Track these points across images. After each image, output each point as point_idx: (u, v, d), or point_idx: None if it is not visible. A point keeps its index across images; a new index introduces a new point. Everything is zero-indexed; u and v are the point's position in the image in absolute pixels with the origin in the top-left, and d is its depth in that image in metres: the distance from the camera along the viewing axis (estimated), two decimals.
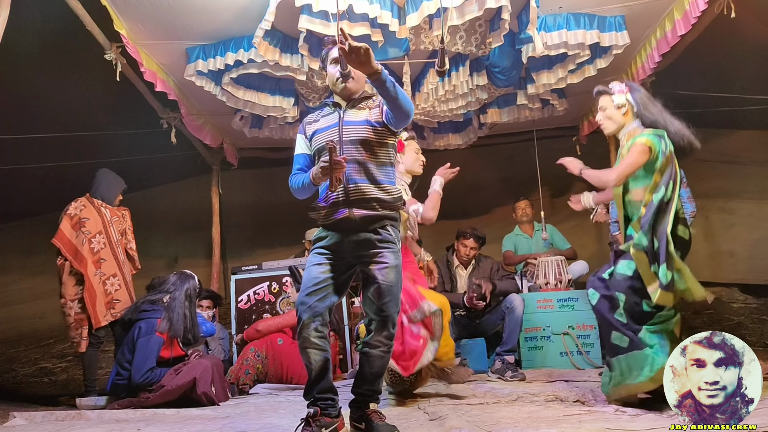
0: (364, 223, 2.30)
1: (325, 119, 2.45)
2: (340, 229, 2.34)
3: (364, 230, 2.31)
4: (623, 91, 2.78)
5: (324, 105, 2.54)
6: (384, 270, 2.29)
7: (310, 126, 2.48)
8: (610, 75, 4.71)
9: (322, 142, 2.35)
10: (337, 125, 2.38)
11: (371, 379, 2.37)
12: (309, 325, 2.24)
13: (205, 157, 5.98)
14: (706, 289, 2.61)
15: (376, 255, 2.31)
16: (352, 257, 2.35)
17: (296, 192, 2.44)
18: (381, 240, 2.32)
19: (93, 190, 4.15)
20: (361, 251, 2.32)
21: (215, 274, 5.90)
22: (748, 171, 5.84)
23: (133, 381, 3.41)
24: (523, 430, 2.28)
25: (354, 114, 2.40)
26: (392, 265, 2.31)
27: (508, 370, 3.88)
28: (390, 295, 2.30)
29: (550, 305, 4.38)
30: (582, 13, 3.88)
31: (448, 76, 4.31)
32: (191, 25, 3.80)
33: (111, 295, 4.01)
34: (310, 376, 2.27)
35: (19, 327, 6.51)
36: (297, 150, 2.50)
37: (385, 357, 2.36)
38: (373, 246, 2.31)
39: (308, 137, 2.47)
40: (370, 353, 2.34)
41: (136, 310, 3.64)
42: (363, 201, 2.30)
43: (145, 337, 3.49)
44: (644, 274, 2.57)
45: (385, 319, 2.33)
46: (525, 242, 5.25)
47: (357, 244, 2.32)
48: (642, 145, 2.60)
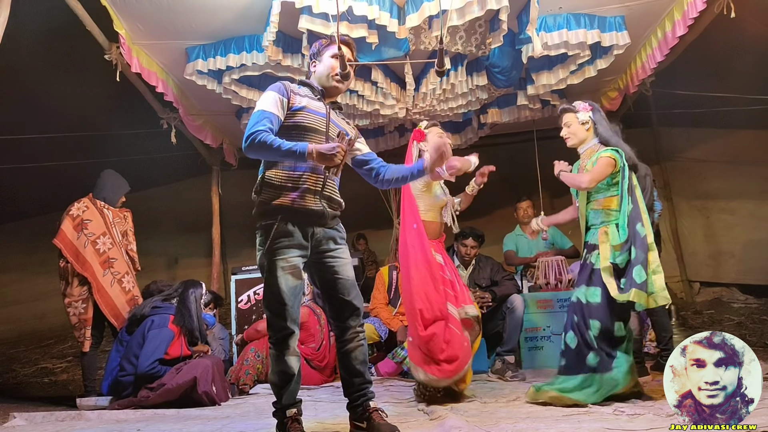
0: (330, 217, 2.35)
1: (311, 102, 2.39)
2: (306, 221, 2.28)
3: (327, 225, 2.35)
4: (587, 109, 3.05)
5: (304, 85, 2.47)
6: (347, 266, 2.37)
7: (296, 96, 2.35)
8: (610, 75, 4.72)
9: (312, 124, 2.33)
10: (325, 117, 2.38)
11: (361, 370, 2.37)
12: (293, 336, 2.26)
13: (205, 157, 5.98)
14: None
15: (336, 250, 2.36)
16: (314, 252, 2.33)
17: (259, 150, 2.19)
18: (341, 237, 2.40)
19: (96, 192, 4.14)
20: (321, 246, 2.33)
21: (215, 274, 5.90)
22: (748, 171, 5.84)
23: (139, 370, 3.43)
24: (522, 430, 2.28)
25: (338, 119, 2.45)
26: (350, 261, 2.41)
27: (508, 370, 3.88)
28: (355, 288, 2.38)
29: (550, 305, 4.39)
30: (582, 13, 3.88)
31: (448, 76, 4.31)
32: (191, 25, 3.80)
33: (131, 293, 4.03)
34: (290, 381, 2.26)
35: (20, 327, 6.51)
36: (269, 107, 2.27)
37: (363, 343, 2.39)
38: (335, 242, 2.36)
39: (291, 107, 2.32)
40: (352, 347, 2.35)
41: (148, 307, 3.70)
42: (332, 198, 2.36)
43: (156, 329, 3.55)
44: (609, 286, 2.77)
45: (359, 311, 2.38)
46: (526, 242, 5.25)
47: (318, 239, 2.32)
48: (608, 158, 2.89)
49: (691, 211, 6.16)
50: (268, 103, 2.29)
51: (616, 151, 2.91)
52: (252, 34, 3.92)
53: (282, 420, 2.27)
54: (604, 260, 2.81)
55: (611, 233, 2.85)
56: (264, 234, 2.28)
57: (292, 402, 2.29)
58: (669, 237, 5.99)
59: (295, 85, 2.44)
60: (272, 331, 2.26)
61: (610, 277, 2.78)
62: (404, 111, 4.67)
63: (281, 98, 2.32)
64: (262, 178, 2.31)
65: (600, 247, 2.86)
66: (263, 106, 2.28)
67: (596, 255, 2.87)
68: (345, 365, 2.37)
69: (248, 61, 3.94)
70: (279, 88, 2.34)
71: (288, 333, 2.24)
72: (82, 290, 3.91)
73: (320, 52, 2.48)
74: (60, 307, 3.97)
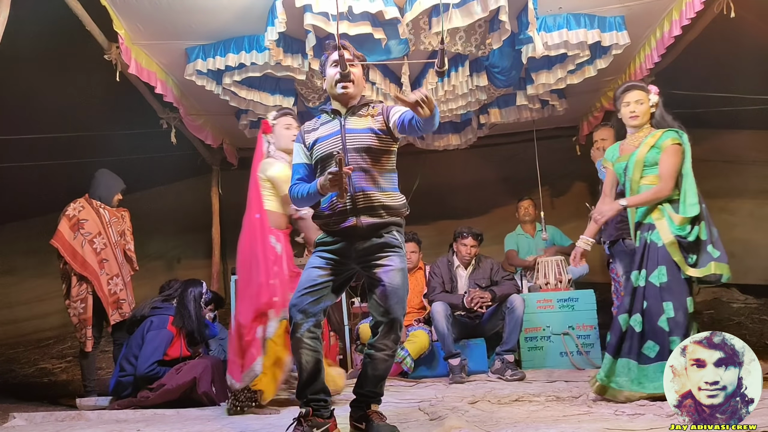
0: (371, 230, 2.30)
1: (324, 127, 2.42)
2: (346, 237, 2.33)
3: (371, 237, 2.31)
4: (657, 92, 3.04)
5: (321, 112, 2.50)
6: (390, 272, 2.29)
7: (308, 134, 2.44)
8: (609, 75, 4.71)
9: (325, 152, 2.34)
10: (339, 133, 2.35)
11: (374, 381, 2.35)
12: (301, 326, 2.25)
13: (205, 157, 5.98)
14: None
15: (382, 258, 2.31)
16: (358, 262, 2.35)
17: (298, 202, 2.42)
18: (387, 245, 2.32)
19: (91, 191, 4.15)
20: (367, 256, 2.32)
21: (215, 274, 5.90)
22: (748, 171, 5.83)
23: (138, 372, 3.43)
24: (522, 430, 2.28)
25: (355, 122, 2.38)
26: (398, 268, 2.31)
27: (508, 369, 3.88)
28: (396, 297, 2.28)
29: (550, 305, 4.39)
30: (582, 13, 3.88)
31: (448, 77, 4.31)
32: (191, 25, 3.80)
33: (116, 295, 4.02)
34: (302, 376, 2.27)
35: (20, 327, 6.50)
36: (295, 159, 2.48)
37: (389, 360, 2.35)
38: (379, 250, 2.32)
39: (308, 146, 2.43)
40: (375, 356, 2.32)
41: (148, 307, 3.70)
42: (370, 209, 2.30)
43: (155, 330, 3.54)
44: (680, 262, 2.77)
45: (393, 322, 2.30)
46: (526, 242, 5.26)
47: (364, 250, 2.32)
48: (675, 145, 2.89)
49: None
50: (295, 155, 2.50)
51: (675, 132, 2.91)
52: (252, 34, 3.91)
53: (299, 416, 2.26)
54: (667, 236, 2.79)
55: (667, 209, 2.84)
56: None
57: (304, 400, 2.27)
58: None
59: (311, 121, 2.53)
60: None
61: (678, 253, 2.77)
62: None
63: (300, 146, 2.47)
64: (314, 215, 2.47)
65: (657, 225, 2.84)
66: (294, 160, 2.50)
67: (655, 233, 2.84)
68: (365, 366, 2.37)
69: (248, 62, 3.93)
70: (297, 137, 2.52)
71: (293, 321, 2.28)
72: (80, 290, 3.91)
73: (323, 65, 2.50)
74: (60, 308, 3.98)
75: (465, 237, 4.36)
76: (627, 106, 3.03)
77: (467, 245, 4.36)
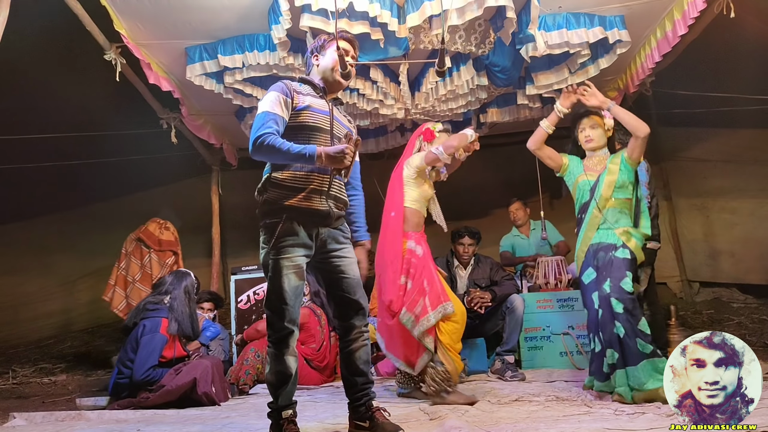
0: (336, 218, 2.35)
1: (314, 100, 2.38)
2: (311, 221, 2.28)
3: (335, 225, 2.35)
4: (610, 117, 3.18)
5: (307, 83, 2.45)
6: (352, 265, 2.36)
7: (299, 95, 2.34)
8: (609, 75, 4.71)
9: (317, 123, 2.32)
10: (329, 115, 2.37)
11: (364, 370, 2.37)
12: (293, 334, 2.26)
13: (205, 157, 5.97)
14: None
15: (342, 250, 2.35)
16: (318, 253, 2.33)
17: (267, 152, 2.18)
18: (345, 236, 2.39)
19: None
20: (328, 246, 2.34)
21: (215, 274, 5.90)
22: (749, 170, 5.83)
23: (135, 378, 3.42)
24: (522, 430, 2.28)
25: (340, 116, 2.45)
26: (355, 260, 2.40)
27: (508, 370, 3.88)
28: (360, 288, 2.37)
29: (550, 305, 4.38)
30: (581, 12, 3.88)
31: (449, 76, 4.31)
32: (191, 25, 3.79)
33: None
34: (287, 381, 2.26)
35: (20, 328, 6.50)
36: (273, 108, 2.24)
37: (367, 343, 2.40)
38: (339, 241, 2.36)
39: (296, 105, 2.30)
40: (356, 347, 2.35)
41: (140, 312, 3.68)
42: (338, 198, 2.35)
43: (149, 335, 3.53)
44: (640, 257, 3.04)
45: (363, 311, 2.37)
46: (522, 242, 5.25)
47: (329, 238, 2.33)
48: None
49: (691, 210, 6.14)
50: (271, 103, 2.26)
51: None
52: (252, 34, 3.91)
53: (277, 421, 2.26)
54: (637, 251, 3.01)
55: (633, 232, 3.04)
56: (269, 233, 2.25)
57: (288, 403, 2.29)
58: (669, 236, 5.98)
59: (296, 83, 2.42)
60: (272, 330, 2.25)
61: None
62: (403, 111, 4.67)
63: (285, 98, 2.29)
64: (268, 178, 2.30)
65: (629, 244, 2.99)
66: (267, 108, 2.25)
67: (623, 251, 2.97)
68: (348, 364, 2.36)
69: (248, 61, 3.93)
70: (282, 88, 2.31)
71: (287, 332, 2.23)
72: None
73: (324, 46, 2.48)
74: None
75: (462, 236, 4.37)
76: (582, 132, 3.26)
77: (464, 244, 4.36)
